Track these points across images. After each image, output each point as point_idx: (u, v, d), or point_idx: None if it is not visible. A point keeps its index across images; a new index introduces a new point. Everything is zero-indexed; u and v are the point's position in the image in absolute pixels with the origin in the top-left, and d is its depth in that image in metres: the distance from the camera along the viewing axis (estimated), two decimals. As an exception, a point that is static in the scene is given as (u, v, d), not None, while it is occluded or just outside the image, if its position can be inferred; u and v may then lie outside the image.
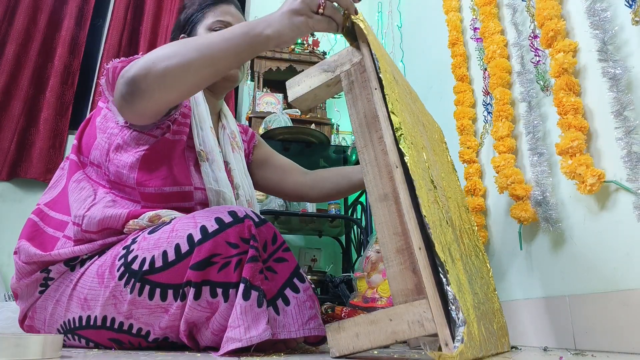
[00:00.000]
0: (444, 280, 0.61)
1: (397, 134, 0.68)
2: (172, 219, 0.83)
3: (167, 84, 0.78)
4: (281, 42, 0.76)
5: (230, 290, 0.74)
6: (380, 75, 0.73)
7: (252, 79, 2.32)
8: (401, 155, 0.68)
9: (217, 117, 1.14)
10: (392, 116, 0.69)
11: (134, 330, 0.79)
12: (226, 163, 1.06)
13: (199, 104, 1.02)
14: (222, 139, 1.10)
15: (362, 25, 0.79)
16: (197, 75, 0.78)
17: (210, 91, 1.10)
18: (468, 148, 1.47)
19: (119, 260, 0.80)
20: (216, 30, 1.06)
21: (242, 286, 0.72)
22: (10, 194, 2.12)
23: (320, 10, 0.73)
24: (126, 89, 0.81)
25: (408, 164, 0.66)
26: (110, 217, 0.85)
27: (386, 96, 0.71)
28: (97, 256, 0.85)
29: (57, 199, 0.94)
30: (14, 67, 2.20)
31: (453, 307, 0.58)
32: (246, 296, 0.72)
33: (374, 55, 0.75)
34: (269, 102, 2.19)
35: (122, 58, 0.89)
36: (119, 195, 0.90)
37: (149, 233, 0.81)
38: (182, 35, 1.10)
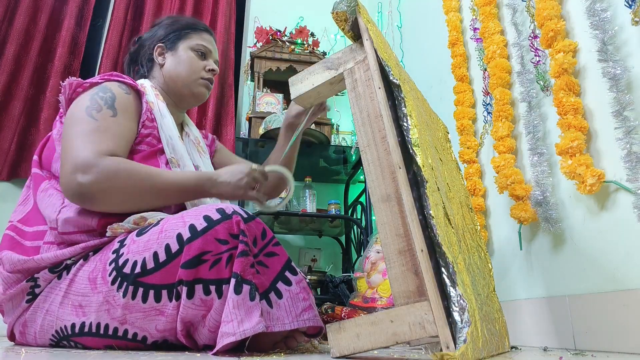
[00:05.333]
0: (447, 281, 0.60)
1: (413, 137, 0.68)
2: (160, 220, 0.83)
3: (118, 205, 0.87)
4: (218, 198, 0.98)
5: (224, 286, 0.74)
6: (394, 80, 0.72)
7: (252, 79, 2.31)
8: (408, 155, 0.67)
9: (180, 127, 1.17)
10: (409, 118, 0.69)
11: (130, 336, 0.78)
12: (196, 167, 1.08)
13: (165, 116, 1.03)
14: (187, 145, 1.12)
15: (366, 24, 0.78)
16: (146, 205, 0.90)
17: (176, 105, 1.14)
18: (468, 148, 1.47)
19: (109, 265, 0.80)
20: (197, 51, 1.13)
21: (233, 281, 0.73)
22: (10, 194, 2.12)
23: (253, 193, 0.97)
24: (78, 198, 0.85)
25: (421, 166, 0.66)
26: (83, 215, 0.86)
27: (404, 98, 0.71)
28: (81, 260, 0.85)
29: (29, 217, 0.94)
30: (14, 67, 2.19)
31: (457, 308, 0.58)
32: (237, 290, 0.72)
33: (381, 58, 0.75)
34: (269, 102, 2.18)
35: (76, 78, 0.96)
36: None
37: (138, 235, 0.81)
38: (160, 44, 1.13)
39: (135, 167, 0.87)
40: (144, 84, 1.07)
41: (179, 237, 0.76)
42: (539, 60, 1.19)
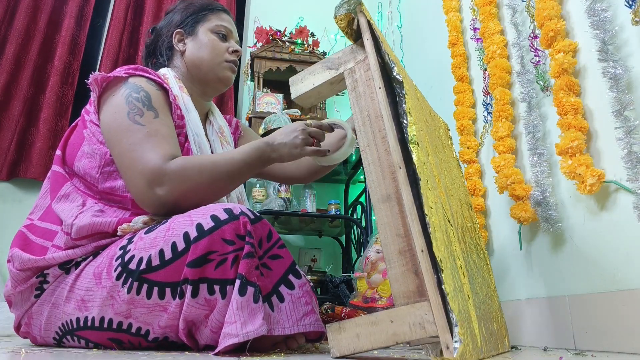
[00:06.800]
0: (441, 279, 0.61)
1: (410, 134, 0.68)
2: (168, 218, 0.83)
3: (201, 200, 0.87)
4: (280, 162, 0.94)
5: (228, 287, 0.74)
6: (397, 76, 0.72)
7: (252, 79, 2.31)
8: (409, 154, 0.67)
9: (205, 115, 1.15)
10: (408, 116, 0.69)
11: (133, 330, 0.79)
12: None
13: (190, 110, 1.02)
14: (210, 136, 1.10)
15: (367, 24, 0.78)
16: (225, 191, 0.92)
17: (201, 94, 1.11)
18: (468, 148, 1.47)
19: (116, 260, 0.80)
20: (218, 33, 1.11)
21: (238, 282, 0.73)
22: (10, 194, 2.12)
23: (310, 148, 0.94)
24: (162, 209, 0.86)
25: (416, 164, 0.66)
26: (100, 224, 0.85)
27: (405, 95, 0.71)
28: (91, 257, 0.85)
29: (48, 211, 0.94)
30: (14, 67, 2.19)
31: (449, 307, 0.58)
32: (242, 292, 0.72)
33: (384, 53, 0.75)
34: (269, 102, 2.18)
35: (100, 72, 0.94)
36: (107, 205, 0.91)
37: (146, 233, 0.81)
38: (179, 30, 1.11)
39: (199, 161, 0.87)
40: (166, 74, 1.04)
41: (186, 235, 0.76)
42: (539, 60, 1.19)
